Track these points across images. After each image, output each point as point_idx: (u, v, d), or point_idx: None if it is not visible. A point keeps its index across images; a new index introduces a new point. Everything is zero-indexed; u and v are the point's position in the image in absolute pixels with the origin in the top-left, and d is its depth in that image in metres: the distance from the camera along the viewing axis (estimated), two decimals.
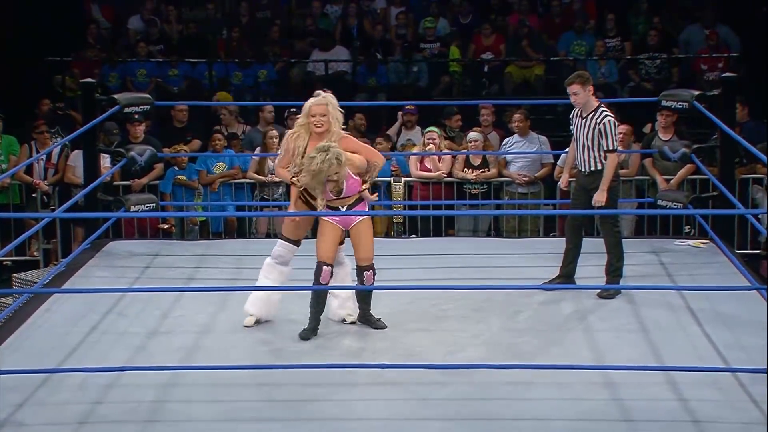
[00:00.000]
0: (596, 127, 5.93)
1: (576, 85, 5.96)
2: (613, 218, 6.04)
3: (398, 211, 7.93)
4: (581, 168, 6.07)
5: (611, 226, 6.04)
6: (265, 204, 8.29)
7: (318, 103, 5.29)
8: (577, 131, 6.05)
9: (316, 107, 5.27)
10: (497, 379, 4.76)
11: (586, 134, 5.97)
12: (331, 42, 11.28)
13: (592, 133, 5.95)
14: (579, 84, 5.95)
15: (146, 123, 8.50)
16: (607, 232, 6.06)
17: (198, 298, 5.91)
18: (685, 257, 6.75)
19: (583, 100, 5.97)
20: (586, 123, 5.99)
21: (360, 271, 5.37)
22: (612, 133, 5.91)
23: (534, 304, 5.84)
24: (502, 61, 11.19)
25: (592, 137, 5.95)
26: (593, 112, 5.97)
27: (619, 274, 6.02)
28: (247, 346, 5.27)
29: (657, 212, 6.55)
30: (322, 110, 5.26)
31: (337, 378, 4.81)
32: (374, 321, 5.44)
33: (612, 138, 5.91)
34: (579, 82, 5.96)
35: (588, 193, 6.02)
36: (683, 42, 11.27)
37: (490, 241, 7.76)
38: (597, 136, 5.93)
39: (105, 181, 7.47)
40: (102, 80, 10.62)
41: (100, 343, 5.32)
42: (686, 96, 7.07)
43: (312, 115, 5.27)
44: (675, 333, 5.39)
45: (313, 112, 5.27)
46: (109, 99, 7.10)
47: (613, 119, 5.95)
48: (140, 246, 7.23)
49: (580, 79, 5.97)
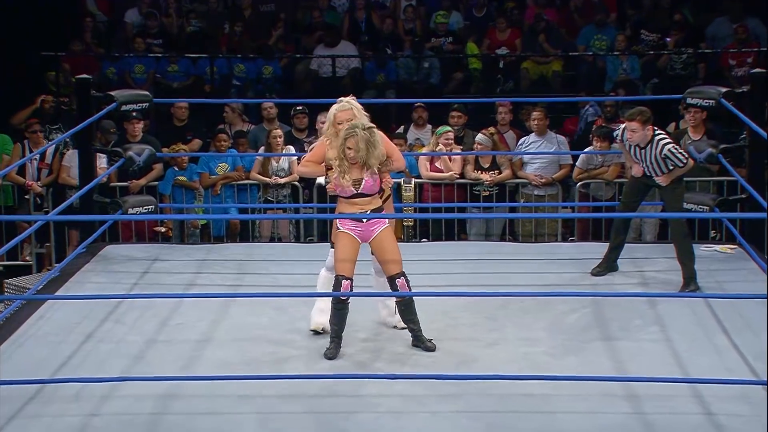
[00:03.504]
0: (659, 156, 6.13)
1: (636, 122, 6.09)
2: (682, 222, 6.23)
3: (409, 214, 7.93)
4: (649, 173, 6.25)
5: (681, 227, 6.22)
6: (269, 206, 8.30)
7: (343, 109, 5.31)
8: (638, 157, 6.24)
9: (342, 113, 5.29)
10: (512, 391, 4.76)
11: (650, 162, 6.19)
12: (336, 37, 11.30)
13: (656, 161, 6.15)
14: (639, 122, 6.09)
15: (145, 121, 8.53)
16: (677, 233, 6.21)
17: (198, 305, 5.92)
18: (712, 263, 6.73)
19: (638, 139, 6.14)
20: (646, 154, 6.19)
21: (392, 281, 5.25)
22: (678, 156, 6.11)
23: (551, 312, 5.83)
24: (518, 57, 11.18)
25: (658, 163, 6.16)
26: (649, 144, 6.15)
27: (693, 274, 6.17)
28: (250, 355, 5.28)
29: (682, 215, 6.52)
30: (348, 115, 5.28)
31: (345, 389, 4.81)
32: (425, 342, 5.31)
33: (681, 156, 6.12)
34: (640, 121, 6.08)
35: (648, 188, 6.26)
36: (710, 36, 11.24)
37: (505, 245, 7.75)
38: (662, 162, 6.14)
39: (101, 182, 7.50)
40: (98, 76, 10.65)
41: (96, 352, 5.33)
42: (713, 93, 7.05)
43: (339, 122, 5.28)
44: (701, 343, 5.38)
45: (339, 119, 5.29)
46: (106, 96, 7.12)
47: (672, 144, 6.13)
48: (138, 250, 7.24)
49: (641, 117, 6.09)
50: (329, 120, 5.34)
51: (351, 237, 5.24)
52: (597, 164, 8.31)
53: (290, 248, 7.51)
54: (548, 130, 8.55)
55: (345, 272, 5.20)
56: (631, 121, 6.10)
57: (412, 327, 5.32)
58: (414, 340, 5.33)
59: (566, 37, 11.50)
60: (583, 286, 6.32)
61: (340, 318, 5.24)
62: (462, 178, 8.31)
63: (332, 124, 5.31)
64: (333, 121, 5.31)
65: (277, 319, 5.75)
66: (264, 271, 6.71)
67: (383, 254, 5.26)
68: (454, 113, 8.88)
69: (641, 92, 10.53)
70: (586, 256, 6.80)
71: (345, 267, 5.21)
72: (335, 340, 5.25)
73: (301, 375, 4.96)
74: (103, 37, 11.76)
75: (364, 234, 5.25)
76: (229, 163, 8.47)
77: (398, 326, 5.50)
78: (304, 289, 5.51)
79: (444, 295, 5.90)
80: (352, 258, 5.24)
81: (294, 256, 6.97)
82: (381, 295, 5.49)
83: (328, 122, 5.35)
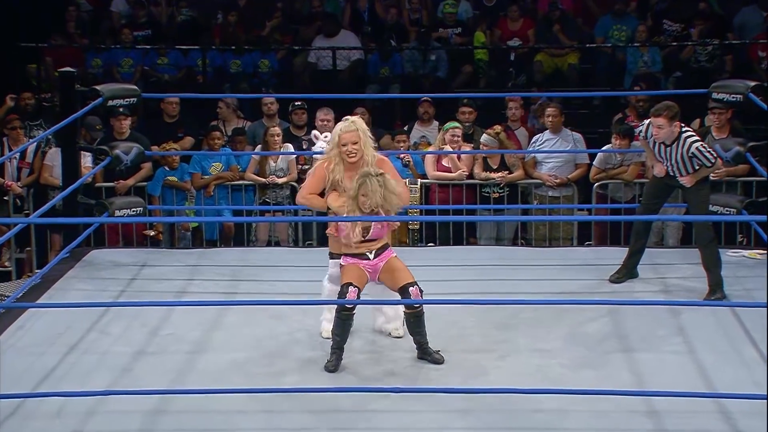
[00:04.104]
0: (686, 153, 6.13)
1: (662, 118, 6.10)
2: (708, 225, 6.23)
3: (414, 216, 7.93)
4: (673, 173, 6.25)
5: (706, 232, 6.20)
6: (266, 208, 8.31)
7: (348, 130, 5.36)
8: (662, 155, 6.24)
9: (347, 135, 5.35)
10: (525, 407, 4.75)
11: (675, 160, 6.18)
12: (336, 26, 11.29)
13: (683, 159, 6.15)
14: (666, 118, 6.09)
15: (133, 117, 8.54)
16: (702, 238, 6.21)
17: (190, 313, 5.92)
18: (739, 270, 6.73)
19: (665, 135, 6.15)
20: (671, 152, 6.19)
21: (404, 290, 5.25)
22: (706, 155, 6.12)
23: (567, 322, 5.83)
24: (531, 49, 11.18)
25: (683, 162, 6.16)
26: (676, 141, 6.15)
27: (719, 282, 6.17)
28: (244, 367, 5.28)
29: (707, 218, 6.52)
30: (353, 137, 5.34)
31: (346, 404, 4.81)
32: (432, 353, 5.32)
33: (708, 155, 6.13)
34: (667, 116, 6.09)
35: (671, 189, 6.26)
36: (737, 26, 11.23)
37: (517, 250, 7.75)
38: (689, 161, 6.15)
39: (86, 182, 7.51)
40: (83, 69, 10.66)
41: (80, 364, 5.34)
42: (741, 88, 7.04)
43: (343, 144, 5.34)
44: (727, 355, 5.37)
45: (344, 140, 5.34)
46: (91, 90, 7.13)
47: (700, 143, 6.15)
48: (125, 255, 7.25)
49: (668, 112, 6.10)
50: (333, 141, 5.41)
51: (360, 269, 5.29)
52: (616, 163, 8.31)
53: (288, 253, 7.53)
54: (563, 127, 8.55)
55: (353, 280, 5.22)
56: (657, 116, 6.09)
57: (419, 339, 5.32)
58: (420, 352, 5.34)
59: (583, 27, 11.50)
60: (601, 294, 6.32)
61: (344, 328, 5.24)
62: (471, 178, 8.31)
63: (336, 145, 5.37)
64: (337, 142, 5.37)
65: (274, 328, 5.75)
66: (260, 278, 6.71)
67: (393, 273, 5.29)
68: (464, 109, 8.88)
69: (663, 86, 10.53)
70: (603, 261, 6.80)
71: (352, 278, 5.24)
72: (337, 352, 5.25)
73: (300, 388, 4.96)
74: (88, 27, 11.77)
75: (373, 272, 5.31)
76: (223, 162, 8.48)
77: (393, 334, 5.54)
78: (303, 297, 5.51)
79: (452, 303, 5.89)
80: (360, 276, 5.27)
81: (292, 262, 6.97)
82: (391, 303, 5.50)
83: (332, 143, 5.41)
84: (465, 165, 8.31)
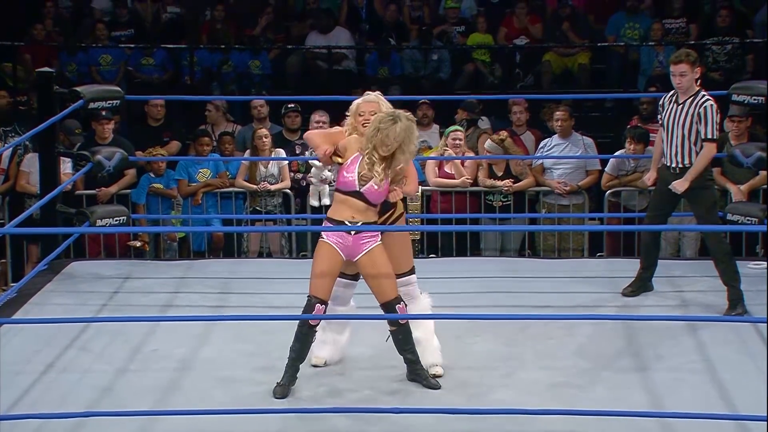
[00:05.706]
0: (695, 111, 6.12)
1: (685, 64, 6.14)
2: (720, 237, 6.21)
3: (415, 226, 7.93)
4: (670, 164, 6.24)
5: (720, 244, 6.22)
6: (257, 218, 8.31)
7: (368, 100, 5.42)
8: (670, 120, 6.22)
9: (366, 105, 5.40)
10: (533, 428, 4.76)
11: (682, 122, 6.16)
12: (330, 21, 11.30)
13: (690, 120, 6.13)
14: (688, 64, 6.14)
15: (115, 121, 8.54)
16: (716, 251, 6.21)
17: (176, 329, 5.92)
18: (761, 283, 6.72)
19: (688, 84, 6.17)
20: (682, 110, 6.17)
21: (389, 306, 5.12)
22: (713, 119, 6.11)
23: (577, 337, 5.84)
24: (539, 48, 11.21)
25: (690, 125, 6.13)
26: (692, 97, 6.17)
27: (740, 296, 6.17)
28: (233, 386, 5.28)
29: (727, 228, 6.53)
30: (373, 108, 5.37)
31: (342, 425, 4.81)
32: (426, 377, 5.23)
33: (712, 125, 6.11)
34: (688, 62, 6.14)
35: (676, 196, 6.22)
36: (759, 24, 11.25)
37: (525, 261, 7.76)
38: (695, 124, 6.12)
39: (65, 189, 7.51)
40: (61, 69, 10.68)
41: (59, 383, 5.33)
42: (762, 89, 7.06)
43: (360, 113, 5.38)
44: (748, 374, 5.37)
45: (362, 110, 5.39)
46: (71, 92, 7.14)
47: (714, 105, 6.15)
48: (107, 267, 7.25)
49: (689, 58, 6.16)
50: (352, 111, 5.45)
51: (333, 249, 5.16)
52: (629, 170, 8.32)
53: (281, 264, 7.53)
54: (573, 131, 8.57)
55: (319, 293, 5.11)
56: (678, 63, 6.15)
57: (409, 358, 5.23)
58: (410, 374, 5.25)
59: (594, 25, 11.52)
60: (614, 308, 6.33)
61: (303, 343, 5.13)
62: (475, 185, 8.32)
63: (354, 115, 5.41)
64: (355, 111, 5.41)
65: (265, 345, 5.75)
66: (251, 291, 6.72)
67: (374, 274, 5.12)
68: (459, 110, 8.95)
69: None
70: (616, 273, 6.81)
71: (320, 285, 5.11)
72: (290, 371, 5.13)
73: (293, 409, 4.96)
74: (67, 24, 11.78)
75: (350, 249, 5.15)
76: (212, 168, 8.48)
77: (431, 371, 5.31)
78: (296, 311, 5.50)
79: (455, 318, 5.91)
80: (331, 273, 5.13)
81: (285, 274, 6.97)
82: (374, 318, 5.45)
83: (351, 114, 5.45)
84: (469, 170, 8.31)
